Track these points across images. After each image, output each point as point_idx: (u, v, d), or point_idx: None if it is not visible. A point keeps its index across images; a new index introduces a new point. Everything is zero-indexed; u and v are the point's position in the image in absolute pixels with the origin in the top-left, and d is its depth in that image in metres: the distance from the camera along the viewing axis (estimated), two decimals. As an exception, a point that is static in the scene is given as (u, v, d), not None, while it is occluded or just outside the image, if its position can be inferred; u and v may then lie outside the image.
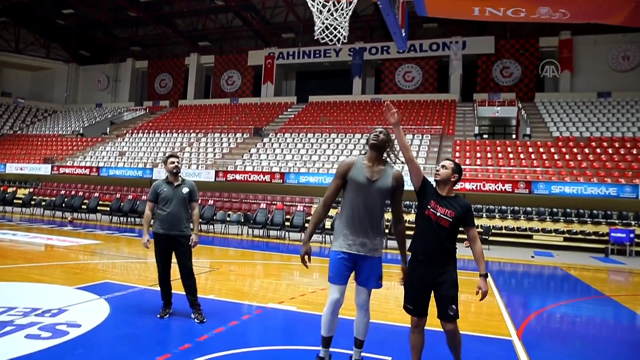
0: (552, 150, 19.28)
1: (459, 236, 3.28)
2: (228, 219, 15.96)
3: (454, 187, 3.36)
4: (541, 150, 19.42)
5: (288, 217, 15.54)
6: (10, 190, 21.15)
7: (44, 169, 23.97)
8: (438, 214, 3.22)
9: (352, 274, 3.38)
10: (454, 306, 3.22)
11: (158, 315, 4.70)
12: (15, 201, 19.90)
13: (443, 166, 3.36)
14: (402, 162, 3.33)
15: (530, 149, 19.60)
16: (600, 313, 7.03)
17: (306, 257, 3.34)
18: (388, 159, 3.38)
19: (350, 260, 3.28)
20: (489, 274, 3.26)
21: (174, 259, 4.79)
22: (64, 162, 25.13)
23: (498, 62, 27.05)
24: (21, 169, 24.61)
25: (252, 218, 15.41)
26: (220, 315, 4.94)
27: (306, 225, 14.26)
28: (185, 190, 4.82)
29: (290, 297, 6.14)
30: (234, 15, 30.45)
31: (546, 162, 18.41)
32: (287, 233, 14.62)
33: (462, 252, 13.97)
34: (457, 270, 3.34)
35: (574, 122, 22.07)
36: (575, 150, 19.06)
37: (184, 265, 4.73)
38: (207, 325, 4.50)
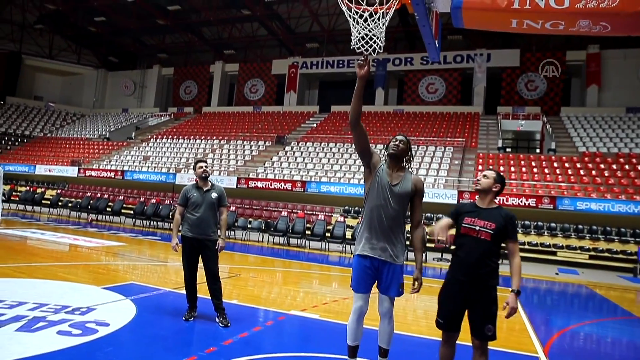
0: (578, 165, 18.90)
1: None
2: (249, 225, 16.07)
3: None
4: (566, 165, 19.06)
5: (309, 225, 15.56)
6: (39, 190, 21.73)
7: (71, 171, 24.58)
8: (477, 227, 3.12)
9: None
10: (491, 326, 3.08)
11: (183, 318, 4.76)
12: (43, 201, 20.43)
13: (485, 176, 3.28)
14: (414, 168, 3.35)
15: (555, 164, 19.25)
16: (629, 334, 6.83)
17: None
18: (406, 166, 3.39)
19: (373, 266, 3.27)
20: (520, 291, 3.19)
21: (200, 263, 4.86)
22: (90, 165, 25.74)
23: (523, 75, 26.74)
24: (50, 171, 25.29)
25: (273, 225, 15.48)
26: (243, 320, 4.98)
27: (327, 234, 14.30)
28: (214, 195, 4.89)
29: (312, 305, 6.15)
30: (259, 25, 30.92)
31: (572, 177, 18.05)
32: (307, 242, 14.63)
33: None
34: None
35: (601, 138, 21.61)
36: (602, 166, 18.64)
37: (210, 269, 4.79)
38: (231, 329, 4.54)
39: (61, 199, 20.94)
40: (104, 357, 3.52)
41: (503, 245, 3.21)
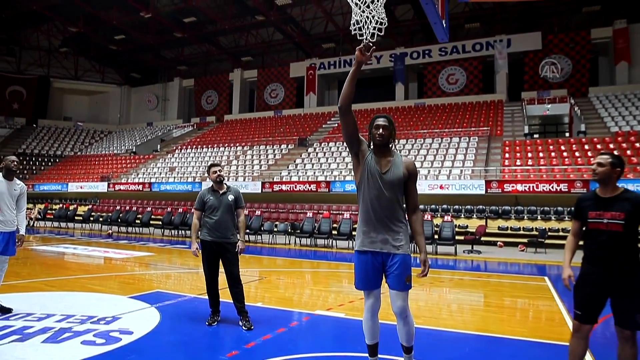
0: (611, 146, 18.13)
1: (512, 240, 3.07)
2: (275, 229, 16.09)
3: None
4: (599, 147, 18.31)
5: (335, 225, 15.46)
6: (71, 207, 22.40)
7: (101, 187, 25.25)
8: (605, 221, 2.93)
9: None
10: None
11: (206, 323, 4.73)
12: (76, 217, 21.04)
13: (599, 164, 3.04)
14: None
15: (587, 147, 18.54)
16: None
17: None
18: (392, 147, 3.17)
19: (375, 260, 3.06)
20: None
21: (221, 267, 4.83)
22: (119, 179, 26.37)
23: (547, 58, 25.91)
24: (81, 188, 26.05)
25: (299, 227, 15.45)
26: (267, 322, 4.91)
27: (353, 233, 14.16)
28: (230, 197, 4.85)
29: (338, 304, 6.04)
30: (275, 29, 31.06)
31: (605, 159, 17.32)
32: (334, 241, 14.53)
33: (518, 255, 13.28)
34: (515, 276, 3.12)
35: (635, 116, 20.70)
36: (637, 145, 17.84)
37: (231, 272, 4.75)
38: (254, 332, 4.48)
39: (92, 214, 21.52)
40: (126, 365, 3.51)
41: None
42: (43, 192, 27.56)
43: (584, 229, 3.13)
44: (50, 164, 32.86)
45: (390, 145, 3.14)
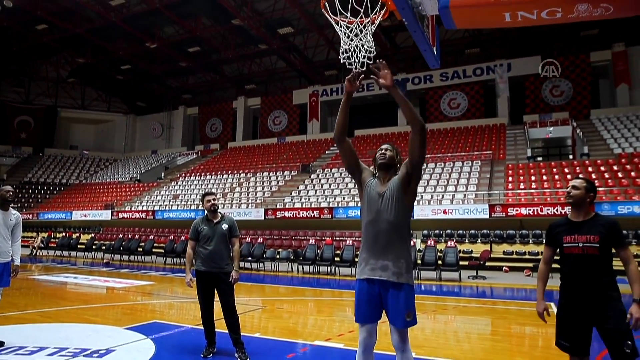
0: (615, 168, 18.03)
1: (518, 264, 2.99)
2: (278, 256, 15.94)
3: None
4: (602, 168, 18.21)
5: (338, 252, 15.30)
6: (74, 235, 22.36)
7: (105, 215, 25.26)
8: (581, 245, 2.90)
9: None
10: (629, 342, 2.73)
11: (202, 354, 4.62)
12: (79, 246, 20.99)
13: (574, 187, 3.08)
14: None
15: (590, 169, 18.43)
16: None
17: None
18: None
19: (374, 291, 2.87)
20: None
21: (217, 297, 4.74)
22: (123, 207, 26.41)
23: (547, 82, 26.09)
24: (85, 216, 26.08)
25: (301, 254, 15.29)
26: (264, 354, 4.80)
27: (356, 260, 13.99)
28: (225, 226, 4.81)
29: (338, 334, 5.89)
30: (277, 58, 31.57)
31: (609, 181, 17.20)
32: (337, 268, 14.35)
33: (524, 281, 13.03)
34: (521, 302, 3.04)
35: (638, 137, 20.63)
36: (642, 166, 17.74)
37: (226, 302, 4.66)
38: (250, 364, 4.36)
39: (95, 242, 21.46)
40: (115, 401, 3.40)
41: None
42: (47, 220, 27.62)
43: (557, 256, 3.10)
44: (55, 192, 33.05)
45: (398, 166, 3.03)
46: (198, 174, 29.41)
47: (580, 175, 2.90)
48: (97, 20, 26.52)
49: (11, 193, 4.95)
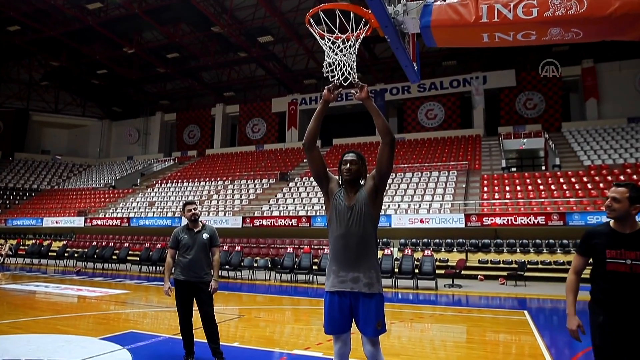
0: (585, 179, 18.65)
1: (492, 273, 3.05)
2: (255, 264, 15.85)
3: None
4: (573, 180, 18.81)
5: (315, 260, 15.31)
6: (45, 243, 21.74)
7: (78, 222, 24.65)
8: (629, 262, 2.50)
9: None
10: None
11: (180, 365, 4.58)
12: (50, 254, 20.40)
13: (615, 199, 2.64)
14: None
15: (562, 180, 19.02)
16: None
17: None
18: (362, 182, 3.04)
19: (343, 302, 2.86)
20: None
21: (196, 307, 4.71)
22: (97, 214, 25.83)
23: (521, 95, 26.88)
24: (57, 222, 25.39)
25: (279, 263, 15.25)
26: (243, 363, 4.77)
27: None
28: (205, 235, 4.79)
29: (317, 343, 5.91)
30: (257, 66, 31.57)
31: (579, 192, 17.77)
32: (315, 277, 14.36)
33: (499, 289, 13.28)
34: (495, 310, 3.05)
35: (606, 150, 21.42)
36: (609, 178, 18.36)
37: (205, 312, 4.64)
38: (229, 374, 4.34)
39: (67, 249, 20.91)
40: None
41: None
42: (17, 227, 26.78)
43: (594, 268, 2.73)
44: (25, 198, 32.07)
45: (361, 181, 3.02)
46: (175, 180, 29.04)
47: (620, 182, 2.51)
48: (73, 23, 26.03)
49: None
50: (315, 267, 14.49)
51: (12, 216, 28.17)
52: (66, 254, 20.16)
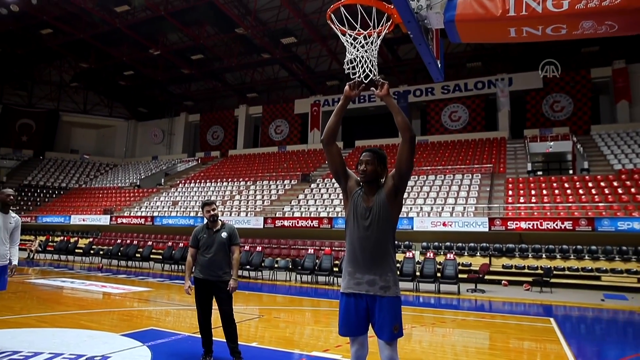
0: (615, 183, 18.05)
1: (517, 278, 2.91)
2: (276, 265, 15.88)
3: None
4: (602, 184, 18.22)
5: (336, 262, 15.25)
6: (72, 240, 22.29)
7: (104, 220, 25.21)
8: None
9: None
10: None
11: (198, 363, 4.58)
12: (77, 250, 20.89)
13: None
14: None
15: (590, 184, 18.45)
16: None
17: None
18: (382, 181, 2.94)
19: (359, 304, 2.81)
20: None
21: (215, 306, 4.72)
22: (122, 212, 26.35)
23: (548, 97, 26.23)
24: (84, 220, 26.01)
25: (300, 264, 15.23)
26: (261, 363, 4.75)
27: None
28: (224, 234, 4.80)
29: (336, 345, 5.85)
30: (280, 67, 31.74)
31: (609, 196, 17.21)
32: (335, 278, 14.29)
33: (523, 295, 12.96)
34: (520, 316, 2.92)
35: (638, 154, 20.68)
36: (641, 183, 17.75)
37: (224, 311, 4.64)
38: (247, 374, 4.32)
39: (93, 247, 21.38)
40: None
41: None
42: (46, 224, 27.54)
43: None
44: (54, 196, 32.99)
45: (382, 180, 2.92)
46: (198, 181, 29.40)
47: None
48: (101, 26, 26.68)
49: (12, 197, 4.93)
50: (335, 269, 14.43)
51: (42, 213, 28.99)
52: (92, 251, 20.63)
